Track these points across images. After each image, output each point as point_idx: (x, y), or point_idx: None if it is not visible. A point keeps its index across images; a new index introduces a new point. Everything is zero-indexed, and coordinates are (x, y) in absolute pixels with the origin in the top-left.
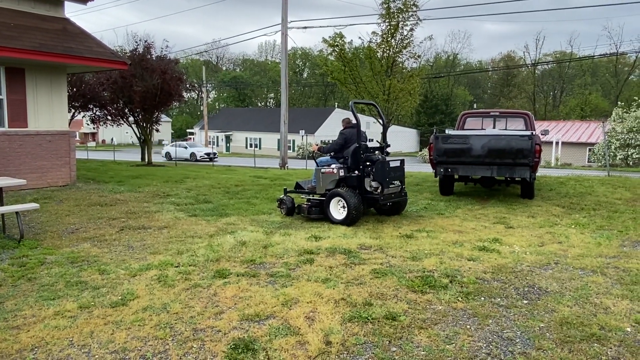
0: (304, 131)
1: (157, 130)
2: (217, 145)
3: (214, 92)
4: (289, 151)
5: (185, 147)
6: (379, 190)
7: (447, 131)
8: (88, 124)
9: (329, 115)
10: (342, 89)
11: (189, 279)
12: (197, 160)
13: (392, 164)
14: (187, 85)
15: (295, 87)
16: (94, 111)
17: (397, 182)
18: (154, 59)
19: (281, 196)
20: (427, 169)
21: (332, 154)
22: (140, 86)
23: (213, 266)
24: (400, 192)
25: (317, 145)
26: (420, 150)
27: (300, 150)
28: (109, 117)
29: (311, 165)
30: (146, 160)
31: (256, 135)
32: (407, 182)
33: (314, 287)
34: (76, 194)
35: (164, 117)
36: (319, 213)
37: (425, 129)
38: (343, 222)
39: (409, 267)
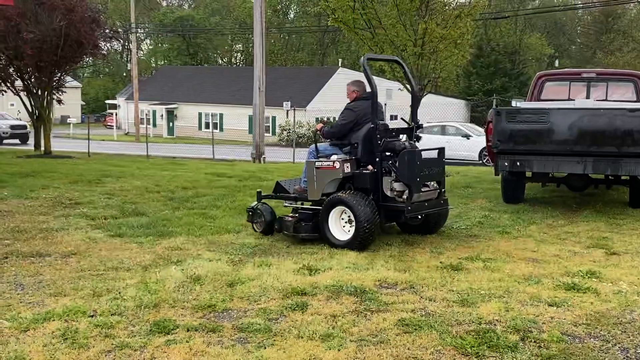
0: (289, 103)
1: (60, 102)
2: (155, 126)
3: (148, 41)
4: (266, 135)
5: (467, 137)
6: (405, 196)
7: (514, 103)
8: None
9: (330, 79)
10: (350, 36)
11: (110, 336)
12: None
13: (425, 155)
14: (107, 31)
15: (276, 35)
16: None
17: (433, 184)
18: None
19: (254, 204)
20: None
21: (333, 139)
22: (34, 32)
23: (149, 315)
24: (439, 198)
25: (322, 122)
26: None
27: (285, 133)
28: None
29: (301, 157)
30: (42, 147)
31: (215, 110)
32: (451, 182)
33: (308, 347)
34: None
35: (70, 81)
36: (311, 230)
37: (479, 99)
38: (350, 245)
39: (456, 316)
